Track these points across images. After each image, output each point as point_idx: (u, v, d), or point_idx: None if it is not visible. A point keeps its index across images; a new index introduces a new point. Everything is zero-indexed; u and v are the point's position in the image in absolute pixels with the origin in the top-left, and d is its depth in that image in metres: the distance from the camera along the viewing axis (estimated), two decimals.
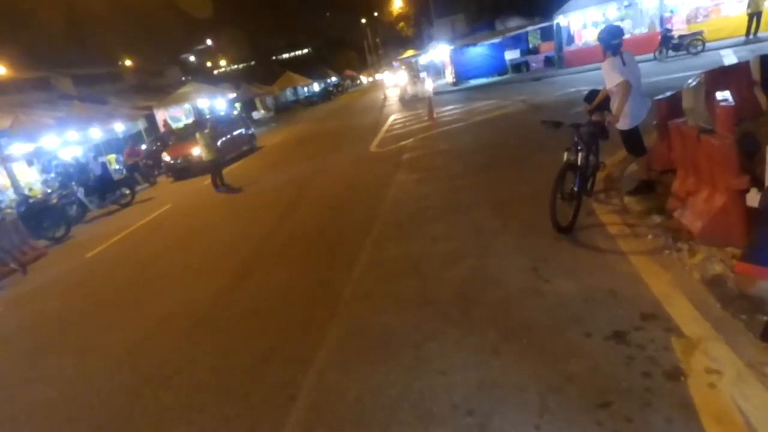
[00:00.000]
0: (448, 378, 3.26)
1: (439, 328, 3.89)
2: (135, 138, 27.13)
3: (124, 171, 19.23)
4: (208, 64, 74.06)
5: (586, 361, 3.05)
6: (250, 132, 21.72)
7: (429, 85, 20.29)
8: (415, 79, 32.34)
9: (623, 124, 5.23)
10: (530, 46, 29.93)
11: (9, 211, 13.00)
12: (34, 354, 5.72)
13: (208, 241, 8.66)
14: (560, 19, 24.02)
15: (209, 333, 5.00)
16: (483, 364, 3.32)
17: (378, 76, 66.81)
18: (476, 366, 3.31)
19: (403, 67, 45.27)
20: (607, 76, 5.15)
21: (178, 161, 17.81)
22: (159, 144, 21.56)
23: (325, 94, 57.31)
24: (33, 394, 4.73)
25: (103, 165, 16.98)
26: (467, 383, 3.16)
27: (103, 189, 14.66)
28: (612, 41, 5.09)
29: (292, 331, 4.56)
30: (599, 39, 5.32)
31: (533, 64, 27.82)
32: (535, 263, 4.58)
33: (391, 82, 44.21)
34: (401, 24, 64.58)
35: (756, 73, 6.88)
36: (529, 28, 28.54)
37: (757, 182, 3.40)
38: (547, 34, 27.75)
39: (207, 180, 13.17)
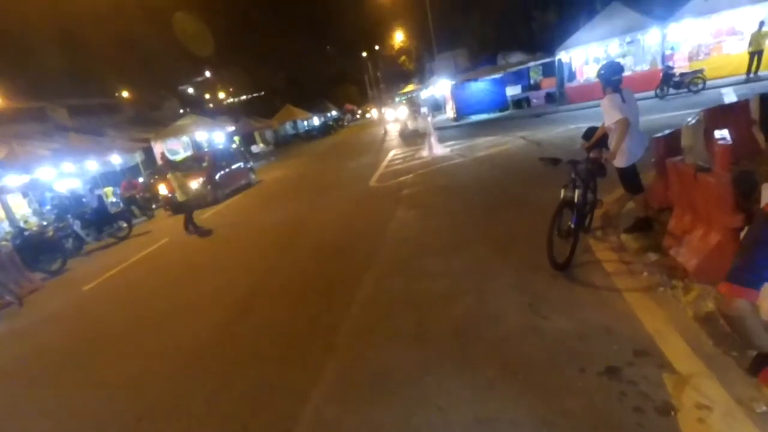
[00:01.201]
0: (445, 413, 3.31)
1: (436, 363, 3.94)
2: (132, 171, 27.21)
3: (121, 204, 19.27)
4: (207, 96, 74.63)
5: (580, 396, 3.11)
6: (248, 166, 21.81)
7: (429, 121, 20.47)
8: (416, 114, 32.34)
9: (620, 162, 5.28)
10: (531, 81, 29.86)
11: (5, 243, 12.96)
12: (29, 386, 5.69)
13: (206, 275, 8.67)
14: (562, 55, 24.26)
15: (207, 367, 5.01)
16: (479, 399, 3.37)
17: (377, 112, 67.19)
18: (473, 401, 3.36)
19: (404, 101, 45.51)
20: (606, 113, 5.16)
21: (176, 195, 17.81)
22: (156, 177, 21.59)
23: (326, 129, 57.69)
24: (28, 426, 4.74)
25: (100, 198, 17.04)
26: (464, 418, 3.20)
27: (99, 222, 14.68)
28: (612, 78, 5.12)
29: (291, 366, 4.58)
30: (599, 75, 5.33)
31: (534, 100, 27.74)
32: (532, 300, 4.65)
33: (392, 117, 44.54)
34: (402, 58, 65.44)
35: (755, 112, 6.91)
36: (531, 64, 28.51)
37: None
38: (548, 70, 27.71)
39: (204, 214, 13.15)
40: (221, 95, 76.33)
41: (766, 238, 2.51)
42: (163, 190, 18.41)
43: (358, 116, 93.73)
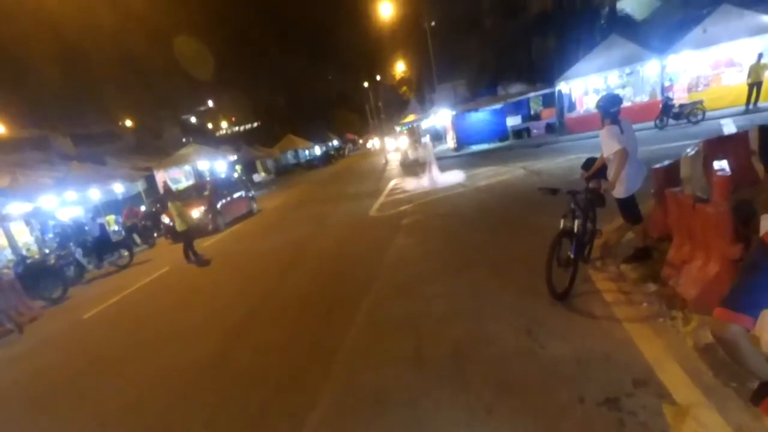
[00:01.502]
0: None
1: (434, 387, 3.95)
2: (134, 199, 27.24)
3: (123, 232, 19.24)
4: (209, 125, 75.15)
5: (579, 425, 3.12)
6: (250, 194, 21.83)
7: (430, 151, 20.53)
8: (417, 144, 32.45)
9: (619, 192, 5.32)
10: (532, 112, 29.86)
11: (6, 271, 12.95)
12: (28, 412, 5.68)
13: (207, 302, 8.66)
14: (562, 86, 24.27)
15: (205, 390, 5.02)
16: (477, 423, 3.38)
17: (378, 141, 67.46)
18: (470, 425, 3.37)
19: (405, 131, 45.74)
20: (605, 144, 5.22)
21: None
22: (158, 205, 21.65)
23: (327, 158, 57.95)
24: None
25: (102, 226, 17.06)
26: None
27: (101, 250, 14.71)
28: (610, 109, 5.17)
29: (288, 389, 4.60)
30: (598, 107, 5.36)
31: (534, 131, 27.78)
32: (531, 326, 4.66)
33: (393, 147, 44.67)
34: (404, 89, 66.01)
35: (754, 143, 6.97)
36: (531, 95, 28.60)
37: None
38: (548, 101, 27.75)
39: (206, 242, 13.13)
40: (223, 124, 76.88)
41: (763, 265, 2.54)
42: (165, 218, 18.46)
43: (359, 146, 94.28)
